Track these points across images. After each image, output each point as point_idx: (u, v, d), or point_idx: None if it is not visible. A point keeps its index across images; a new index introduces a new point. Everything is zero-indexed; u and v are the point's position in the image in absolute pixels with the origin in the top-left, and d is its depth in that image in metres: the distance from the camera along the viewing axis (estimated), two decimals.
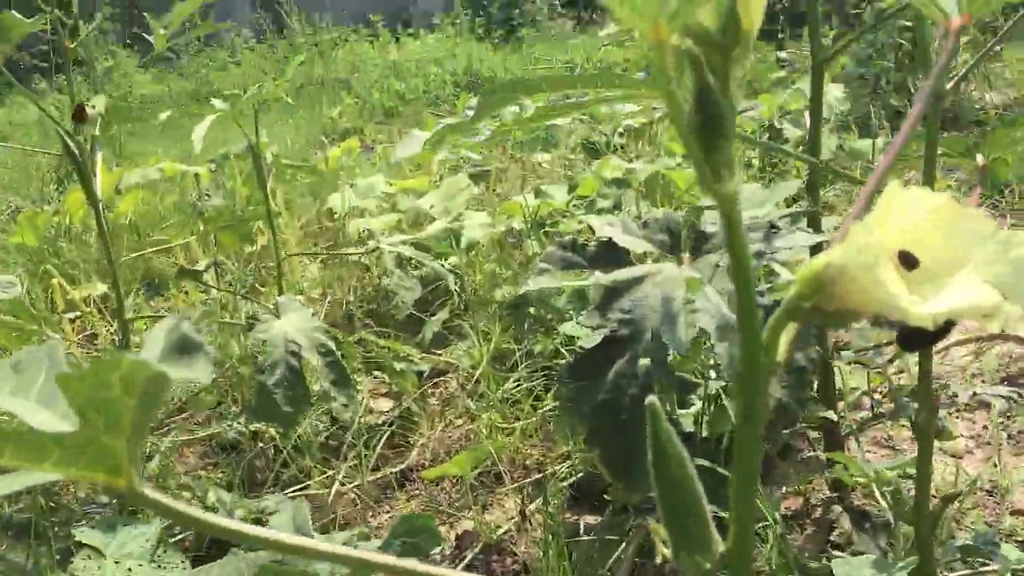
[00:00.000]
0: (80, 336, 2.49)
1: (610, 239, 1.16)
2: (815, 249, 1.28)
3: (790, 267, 1.16)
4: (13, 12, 1.23)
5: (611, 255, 1.15)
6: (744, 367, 0.35)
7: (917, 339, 0.34)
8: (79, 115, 1.32)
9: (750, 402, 0.35)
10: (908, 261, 0.33)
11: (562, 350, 1.99)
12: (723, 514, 0.43)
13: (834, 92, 3.56)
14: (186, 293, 2.68)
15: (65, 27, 1.37)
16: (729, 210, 0.33)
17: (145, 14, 1.57)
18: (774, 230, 1.09)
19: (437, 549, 1.04)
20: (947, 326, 0.33)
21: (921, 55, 0.80)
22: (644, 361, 1.02)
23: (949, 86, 0.83)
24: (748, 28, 0.32)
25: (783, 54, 4.33)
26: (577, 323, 1.64)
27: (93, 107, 1.35)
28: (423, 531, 0.80)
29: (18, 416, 0.32)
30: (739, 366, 0.35)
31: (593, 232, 1.49)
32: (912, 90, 3.31)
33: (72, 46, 1.37)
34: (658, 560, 0.38)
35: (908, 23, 3.41)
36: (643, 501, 1.60)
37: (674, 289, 1.10)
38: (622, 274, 1.09)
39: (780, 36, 5.10)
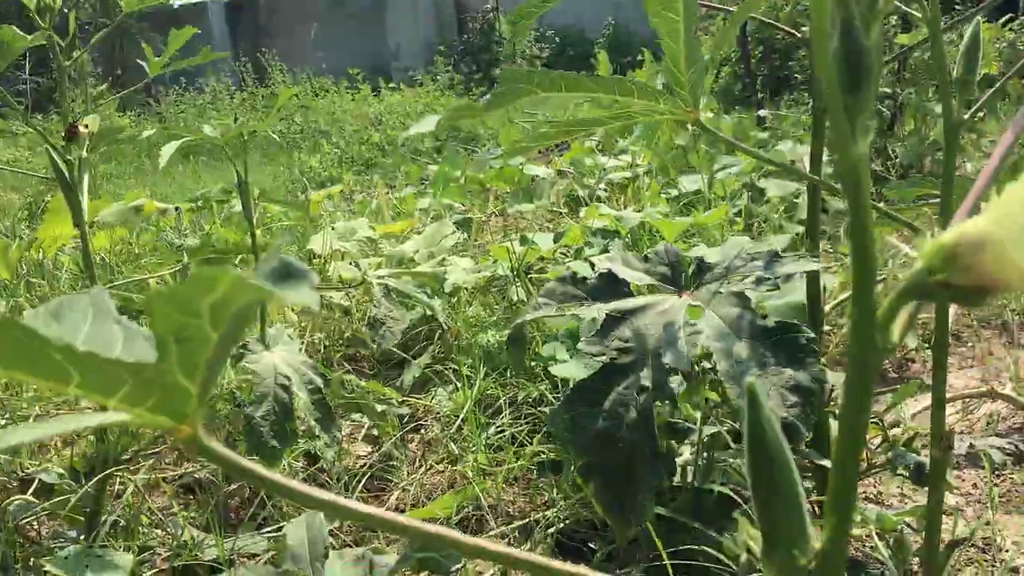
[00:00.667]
0: None
1: (610, 271, 1.14)
2: (814, 282, 1.28)
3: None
4: (13, 27, 1.21)
5: (611, 288, 1.13)
6: (856, 347, 0.33)
7: None
8: (71, 133, 1.30)
9: (860, 382, 0.33)
10: None
11: (548, 396, 1.96)
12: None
13: None
14: None
15: (60, 48, 1.35)
16: (857, 174, 0.31)
17: (139, 36, 1.55)
18: (777, 258, 1.08)
19: None
20: None
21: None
22: (644, 382, 1.00)
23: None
24: None
25: (763, 112, 4.39)
26: (576, 353, 1.61)
27: (86, 126, 1.33)
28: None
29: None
30: (851, 347, 0.33)
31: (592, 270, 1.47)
32: (892, 155, 3.37)
33: (67, 64, 1.35)
34: (743, 558, 0.35)
35: (887, 89, 3.48)
36: (629, 553, 1.56)
37: (675, 316, 1.08)
38: (624, 304, 1.07)
39: (760, 98, 5.20)
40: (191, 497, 1.83)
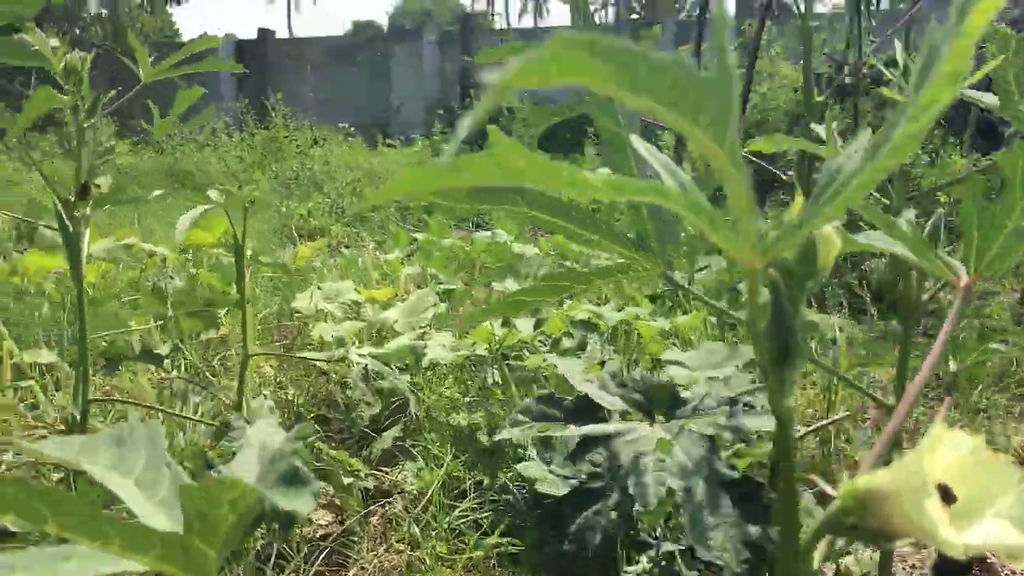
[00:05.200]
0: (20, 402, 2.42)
1: (586, 395, 1.19)
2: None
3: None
4: (49, 87, 1.26)
5: (586, 411, 1.18)
6: (782, 572, 0.38)
7: (950, 568, 0.37)
8: (83, 193, 1.34)
9: None
10: (946, 496, 0.36)
11: (511, 486, 1.98)
12: None
13: None
14: (134, 373, 2.63)
15: (78, 110, 1.40)
16: (785, 424, 0.36)
17: (148, 100, 1.60)
18: (740, 407, 1.13)
19: None
20: (975, 559, 0.36)
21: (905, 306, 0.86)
22: (611, 510, 1.04)
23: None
24: (823, 265, 0.36)
25: None
26: (548, 471, 1.64)
27: (98, 186, 1.37)
28: None
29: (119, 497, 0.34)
30: (779, 571, 0.37)
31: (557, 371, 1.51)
32: (867, 275, 3.46)
33: (86, 126, 1.39)
34: None
35: None
36: None
37: (646, 447, 1.12)
38: (597, 429, 1.12)
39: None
40: None
